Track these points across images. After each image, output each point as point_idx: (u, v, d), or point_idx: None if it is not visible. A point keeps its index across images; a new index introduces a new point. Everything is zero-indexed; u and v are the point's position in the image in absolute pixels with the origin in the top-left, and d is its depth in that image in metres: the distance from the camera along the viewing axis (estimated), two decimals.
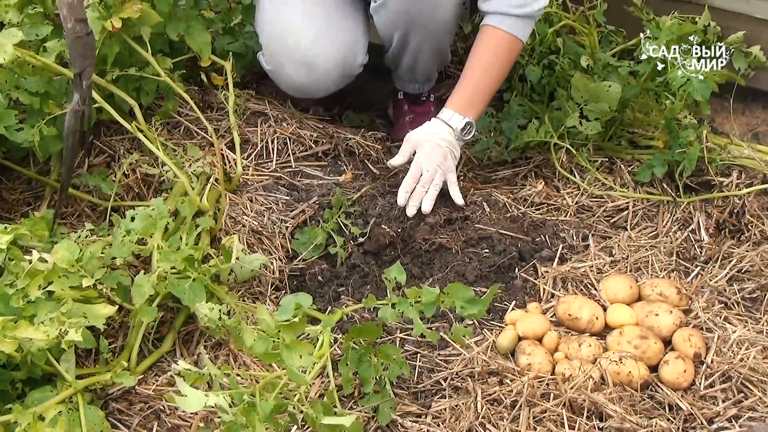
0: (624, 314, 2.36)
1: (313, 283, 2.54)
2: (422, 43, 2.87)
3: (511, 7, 2.66)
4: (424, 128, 2.71)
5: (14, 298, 1.96)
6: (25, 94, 2.47)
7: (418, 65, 2.99)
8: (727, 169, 2.80)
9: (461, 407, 2.13)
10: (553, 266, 2.56)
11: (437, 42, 2.89)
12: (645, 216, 2.75)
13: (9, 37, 2.43)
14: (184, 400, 1.75)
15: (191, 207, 2.41)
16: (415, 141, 2.70)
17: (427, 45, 2.88)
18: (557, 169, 2.87)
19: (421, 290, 2.06)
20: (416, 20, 2.78)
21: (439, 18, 2.79)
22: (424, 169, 2.62)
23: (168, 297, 2.23)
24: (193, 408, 1.72)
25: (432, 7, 2.75)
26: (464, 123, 2.70)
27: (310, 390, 2.15)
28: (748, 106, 3.28)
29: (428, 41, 2.87)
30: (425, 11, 2.75)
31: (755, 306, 2.48)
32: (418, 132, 2.71)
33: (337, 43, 2.83)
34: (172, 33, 2.80)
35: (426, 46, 2.89)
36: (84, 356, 2.21)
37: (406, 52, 2.93)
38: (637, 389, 2.17)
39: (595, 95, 2.81)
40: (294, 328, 1.89)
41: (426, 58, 2.96)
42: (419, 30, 2.81)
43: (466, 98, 2.72)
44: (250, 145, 2.89)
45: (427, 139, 2.68)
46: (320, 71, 2.79)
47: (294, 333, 1.89)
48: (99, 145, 2.76)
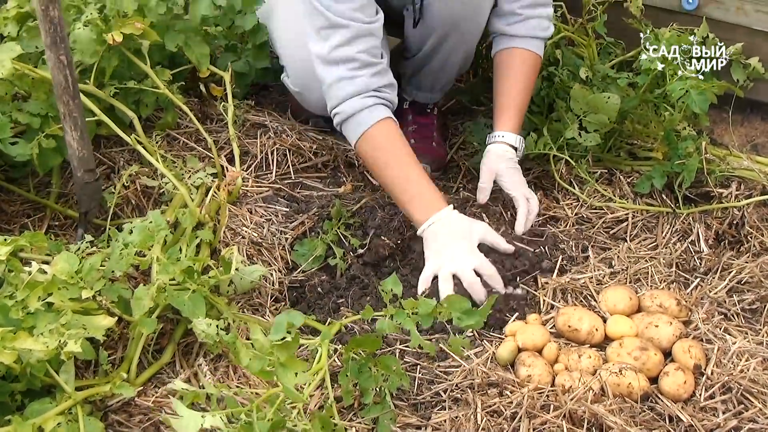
0: (624, 325, 2.36)
1: (312, 295, 2.54)
2: (456, 47, 2.88)
3: (540, 30, 2.81)
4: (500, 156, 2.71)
5: (13, 309, 1.95)
6: (26, 115, 2.49)
7: (444, 71, 2.99)
8: (727, 181, 2.81)
9: (461, 419, 2.12)
10: (553, 277, 2.55)
11: (470, 44, 2.90)
12: (644, 227, 2.75)
13: (7, 52, 2.45)
14: (179, 422, 1.75)
15: (191, 218, 2.41)
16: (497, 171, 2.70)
17: (461, 48, 2.89)
18: (557, 180, 2.87)
19: (417, 301, 2.06)
20: (458, 24, 2.78)
21: (479, 19, 2.81)
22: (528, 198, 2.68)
23: (168, 308, 2.22)
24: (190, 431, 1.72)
25: (474, 10, 2.76)
26: (519, 140, 2.75)
27: (310, 402, 2.15)
28: (747, 117, 3.28)
29: (462, 45, 2.88)
30: (469, 15, 2.77)
31: (755, 317, 2.47)
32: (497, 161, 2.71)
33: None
34: (171, 45, 2.81)
35: (459, 49, 2.89)
36: (83, 368, 2.21)
37: (435, 58, 2.92)
38: (637, 401, 2.16)
39: (594, 107, 2.81)
40: (287, 348, 1.89)
41: (454, 63, 2.96)
42: (457, 33, 2.82)
43: (515, 118, 2.77)
44: (250, 156, 2.89)
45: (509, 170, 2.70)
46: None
47: (288, 352, 1.89)
48: (98, 156, 2.76)
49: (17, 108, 2.50)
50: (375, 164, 2.59)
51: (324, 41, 2.54)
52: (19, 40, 2.61)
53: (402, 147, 2.57)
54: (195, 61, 2.86)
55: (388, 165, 2.56)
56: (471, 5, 2.75)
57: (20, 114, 2.49)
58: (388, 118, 2.58)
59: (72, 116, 2.34)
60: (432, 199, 2.53)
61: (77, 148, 2.39)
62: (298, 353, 2.30)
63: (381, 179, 2.61)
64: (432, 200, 2.52)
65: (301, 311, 2.44)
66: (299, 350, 2.31)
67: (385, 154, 2.57)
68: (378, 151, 2.57)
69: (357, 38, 2.52)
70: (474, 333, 2.38)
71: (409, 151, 2.58)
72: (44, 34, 2.20)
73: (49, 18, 2.18)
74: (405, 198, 2.54)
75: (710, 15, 3.11)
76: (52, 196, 2.67)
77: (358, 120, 2.56)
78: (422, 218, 2.50)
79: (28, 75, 2.50)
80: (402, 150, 2.57)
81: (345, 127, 2.60)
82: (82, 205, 2.51)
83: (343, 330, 2.38)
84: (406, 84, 3.12)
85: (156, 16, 2.72)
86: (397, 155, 2.56)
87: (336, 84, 2.55)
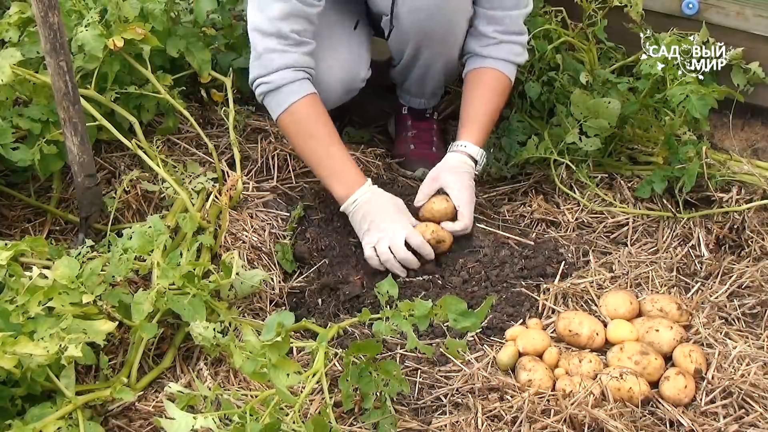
0: (624, 330, 2.36)
1: (312, 299, 2.54)
2: (434, 57, 2.89)
3: (513, 55, 2.84)
4: (447, 163, 2.73)
5: (14, 314, 1.95)
6: (27, 121, 2.49)
7: (428, 79, 3.00)
8: (727, 185, 2.80)
9: (462, 423, 2.12)
10: (554, 282, 2.55)
11: (449, 55, 2.91)
12: (645, 232, 2.75)
13: (7, 58, 2.45)
14: (170, 424, 1.75)
15: (192, 223, 2.41)
16: (439, 178, 2.71)
17: (439, 58, 2.90)
18: (557, 185, 2.87)
19: (414, 303, 2.06)
20: (429, 35, 2.80)
21: (451, 32, 2.82)
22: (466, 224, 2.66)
23: (168, 313, 2.23)
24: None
25: (445, 22, 2.78)
26: (481, 153, 2.75)
27: (310, 406, 2.15)
28: (747, 122, 3.28)
29: (440, 55, 2.89)
30: (438, 26, 2.78)
31: (756, 322, 2.47)
32: (442, 168, 2.72)
33: (341, 60, 2.84)
34: (172, 50, 2.82)
35: (438, 60, 2.91)
36: (84, 372, 2.21)
37: (416, 66, 2.94)
38: (638, 405, 2.16)
39: (595, 111, 2.81)
40: (278, 348, 1.89)
41: (436, 72, 2.97)
42: (432, 44, 2.84)
43: (479, 130, 2.78)
44: (251, 161, 2.89)
45: (457, 180, 2.69)
46: (324, 88, 2.79)
47: (278, 352, 1.89)
48: (99, 161, 2.77)
49: (18, 113, 2.51)
50: (298, 137, 2.65)
51: (261, 11, 2.59)
52: (20, 45, 2.61)
53: (326, 123, 2.64)
54: (196, 67, 2.87)
55: (313, 138, 2.63)
56: (440, 20, 2.76)
57: (21, 119, 2.50)
58: (313, 93, 2.64)
59: (72, 122, 2.34)
60: (354, 175, 2.61)
61: (78, 153, 2.39)
62: (298, 358, 2.30)
63: (303, 153, 2.67)
64: (354, 176, 2.61)
65: (301, 316, 2.44)
66: (300, 354, 2.31)
67: (309, 127, 2.63)
68: (302, 124, 2.62)
69: (292, 16, 2.58)
70: (474, 337, 2.38)
71: (333, 128, 2.66)
72: (44, 40, 2.21)
73: (49, 24, 2.18)
74: (327, 173, 2.63)
75: (710, 20, 3.11)
76: (53, 201, 2.67)
77: (286, 91, 2.61)
78: (345, 193, 2.60)
79: (28, 80, 2.50)
80: (326, 126, 2.64)
81: (270, 97, 2.64)
82: (82, 210, 2.51)
83: (343, 334, 2.38)
84: (400, 90, 3.14)
85: (160, 23, 2.73)
86: (322, 131, 2.63)
87: (267, 54, 2.60)
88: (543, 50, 3.04)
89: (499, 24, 2.80)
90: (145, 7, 2.74)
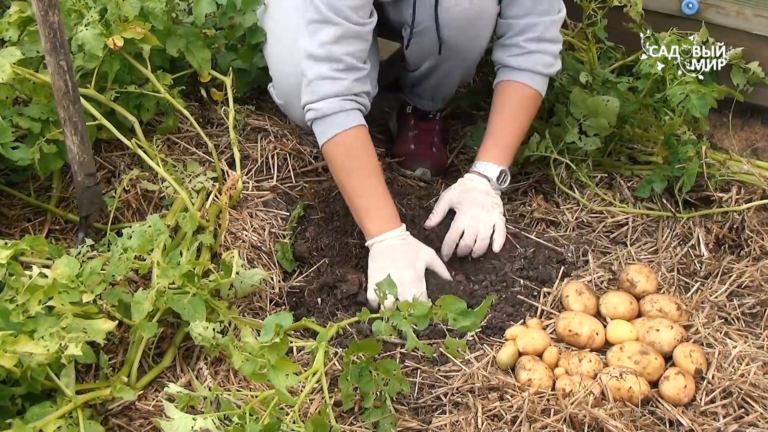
0: (624, 330, 2.36)
1: (312, 299, 2.54)
2: (453, 68, 2.88)
3: (543, 66, 2.76)
4: (461, 186, 2.70)
5: (14, 313, 1.95)
6: (27, 120, 2.49)
7: (442, 87, 3.00)
8: (727, 185, 2.80)
9: (461, 423, 2.13)
10: (553, 287, 2.55)
11: (468, 67, 2.91)
12: (645, 231, 2.75)
13: (7, 57, 2.45)
14: (169, 425, 1.75)
15: (192, 222, 2.41)
16: (451, 199, 2.70)
17: (459, 69, 2.90)
18: (557, 184, 2.87)
19: (413, 302, 2.06)
20: (454, 50, 2.78)
21: (477, 46, 2.81)
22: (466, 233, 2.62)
23: (168, 312, 2.23)
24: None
25: (472, 38, 2.76)
26: (499, 171, 2.70)
27: (310, 406, 2.15)
28: (747, 121, 3.28)
29: (460, 66, 2.88)
30: (465, 42, 2.77)
31: (755, 321, 2.47)
32: (455, 190, 2.70)
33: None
34: (172, 49, 2.82)
35: (457, 71, 2.90)
36: (84, 371, 2.21)
37: (433, 76, 2.93)
38: (638, 405, 2.16)
39: (594, 110, 2.81)
40: (277, 349, 1.89)
41: (452, 81, 2.97)
42: (455, 57, 2.82)
43: (500, 149, 2.74)
44: (250, 160, 2.89)
45: (466, 197, 2.67)
46: None
47: (277, 353, 1.89)
48: (99, 160, 2.76)
49: (18, 112, 2.50)
50: (341, 169, 2.58)
51: (312, 36, 2.54)
52: (20, 44, 2.61)
53: (370, 157, 2.59)
54: (196, 66, 2.87)
55: (355, 172, 2.57)
56: (467, 35, 2.74)
57: (21, 118, 2.49)
58: (361, 125, 2.59)
59: (72, 121, 2.34)
60: (389, 216, 2.54)
61: (77, 153, 2.39)
62: (298, 357, 2.30)
63: (343, 184, 2.60)
64: (389, 217, 2.54)
65: (301, 315, 2.44)
66: (300, 354, 2.31)
67: (353, 161, 2.57)
68: (347, 157, 2.57)
69: (345, 38, 2.53)
70: (474, 337, 2.39)
71: (377, 163, 2.60)
72: (44, 40, 2.21)
73: (49, 23, 2.18)
74: (363, 208, 2.55)
75: (710, 19, 3.11)
76: (53, 200, 2.67)
77: (333, 121, 2.56)
78: (375, 232, 2.52)
79: (28, 79, 2.50)
80: (370, 160, 2.58)
81: (318, 124, 2.59)
82: (82, 209, 2.51)
83: (343, 334, 2.38)
84: (408, 92, 3.13)
85: (160, 22, 2.73)
86: (365, 164, 2.57)
87: (317, 81, 2.55)
88: None
89: (532, 31, 2.73)
90: (145, 6, 2.73)
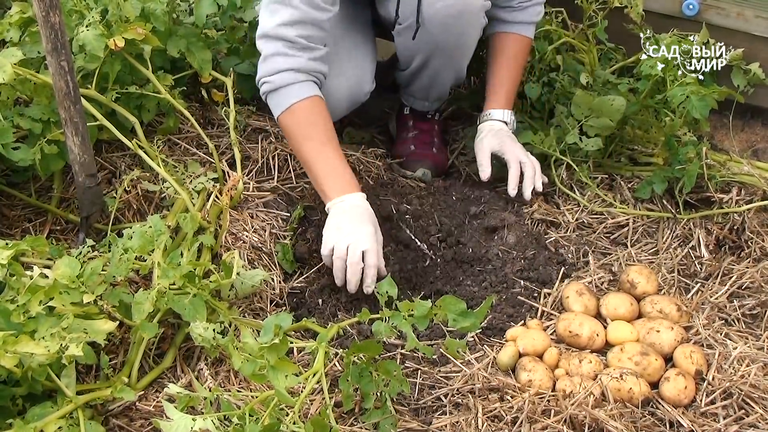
0: (625, 331, 2.36)
1: (312, 300, 2.54)
2: (443, 67, 2.90)
3: (536, 15, 2.95)
4: (490, 131, 2.86)
5: (15, 313, 1.95)
6: (28, 120, 2.49)
7: (434, 86, 3.01)
8: (727, 186, 2.80)
9: (462, 423, 2.13)
10: (554, 287, 2.55)
11: (458, 65, 2.93)
12: (645, 232, 2.75)
13: (8, 57, 2.45)
14: (169, 425, 1.75)
15: (192, 223, 2.41)
16: (492, 146, 2.84)
17: (448, 68, 2.92)
18: (557, 185, 2.87)
19: (413, 303, 2.06)
20: (441, 46, 2.81)
21: (464, 44, 2.85)
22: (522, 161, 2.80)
23: (169, 313, 2.23)
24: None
25: (459, 34, 2.79)
26: (512, 116, 2.91)
27: (310, 406, 2.15)
28: (747, 122, 3.28)
29: (449, 64, 2.90)
30: (452, 39, 2.79)
31: (756, 322, 2.47)
32: (489, 137, 2.85)
33: (347, 74, 2.83)
34: (173, 50, 2.82)
35: (446, 69, 2.92)
36: (85, 372, 2.21)
37: (424, 73, 2.95)
38: (638, 406, 2.16)
39: (599, 110, 2.82)
40: (276, 349, 1.89)
41: (444, 80, 2.98)
42: (443, 55, 2.85)
43: (509, 95, 2.94)
44: (251, 161, 2.89)
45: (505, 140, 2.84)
46: (329, 101, 2.75)
47: (277, 354, 1.89)
48: (100, 161, 2.77)
49: (19, 113, 2.50)
50: (296, 137, 2.61)
51: (270, 15, 2.57)
52: (22, 45, 2.61)
53: (327, 125, 2.61)
54: (197, 67, 2.87)
55: (312, 140, 2.59)
56: (453, 33, 2.77)
57: (22, 119, 2.49)
58: (317, 95, 2.62)
59: (73, 121, 2.34)
60: (349, 180, 2.57)
61: (78, 153, 2.39)
62: (299, 358, 2.30)
63: (300, 153, 2.62)
64: (348, 181, 2.57)
65: (301, 316, 2.44)
66: (300, 354, 2.31)
67: (310, 128, 2.59)
68: (303, 125, 2.60)
69: (301, 23, 2.55)
70: (474, 338, 2.39)
71: (333, 132, 2.62)
72: (45, 40, 2.21)
73: (50, 24, 2.18)
74: (322, 173, 2.57)
75: (710, 21, 3.11)
76: (54, 200, 2.67)
77: (287, 92, 2.59)
78: (335, 194, 2.54)
79: (29, 80, 2.50)
80: (325, 128, 2.61)
81: (272, 96, 2.62)
82: (83, 210, 2.51)
83: (343, 334, 2.38)
84: (404, 92, 3.14)
85: (161, 23, 2.73)
86: (321, 132, 2.59)
87: (272, 57, 2.59)
88: (543, 51, 3.05)
89: None
90: (146, 7, 2.74)
